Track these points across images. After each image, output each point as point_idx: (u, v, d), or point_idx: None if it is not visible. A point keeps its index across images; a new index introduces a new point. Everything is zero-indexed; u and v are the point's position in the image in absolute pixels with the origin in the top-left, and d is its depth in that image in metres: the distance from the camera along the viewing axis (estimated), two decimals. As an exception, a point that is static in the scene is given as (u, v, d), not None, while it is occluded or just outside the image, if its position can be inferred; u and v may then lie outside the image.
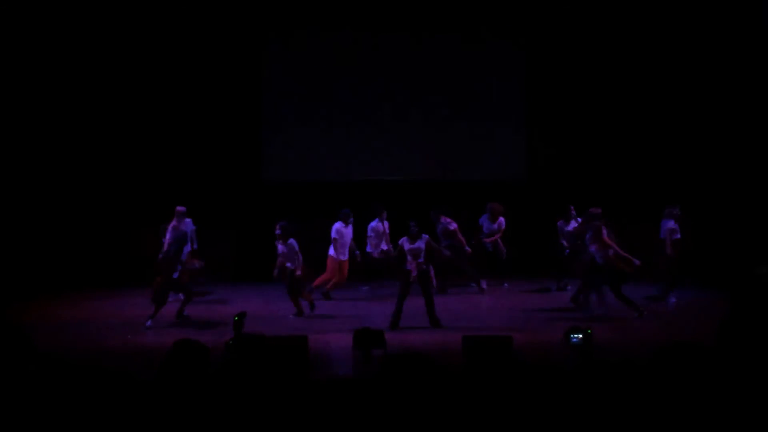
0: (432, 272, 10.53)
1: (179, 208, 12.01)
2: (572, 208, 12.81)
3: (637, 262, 10.47)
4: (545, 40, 14.76)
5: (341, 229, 12.27)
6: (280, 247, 10.87)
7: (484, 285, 12.73)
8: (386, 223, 12.77)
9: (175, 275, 10.54)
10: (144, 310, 10.66)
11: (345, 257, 12.26)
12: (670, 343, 4.24)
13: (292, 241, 10.91)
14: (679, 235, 11.65)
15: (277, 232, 10.86)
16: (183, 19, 14.53)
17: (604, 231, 10.62)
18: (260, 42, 14.95)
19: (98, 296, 11.93)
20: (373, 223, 12.80)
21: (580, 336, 8.32)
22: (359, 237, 13.00)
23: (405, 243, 10.43)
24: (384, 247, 12.60)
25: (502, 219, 13.16)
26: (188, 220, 12.33)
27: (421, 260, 10.31)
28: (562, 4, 14.62)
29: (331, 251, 12.21)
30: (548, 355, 8.56)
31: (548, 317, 10.87)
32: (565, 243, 12.70)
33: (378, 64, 14.98)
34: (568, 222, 12.79)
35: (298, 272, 10.84)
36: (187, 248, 12.34)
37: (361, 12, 14.74)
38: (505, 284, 13.19)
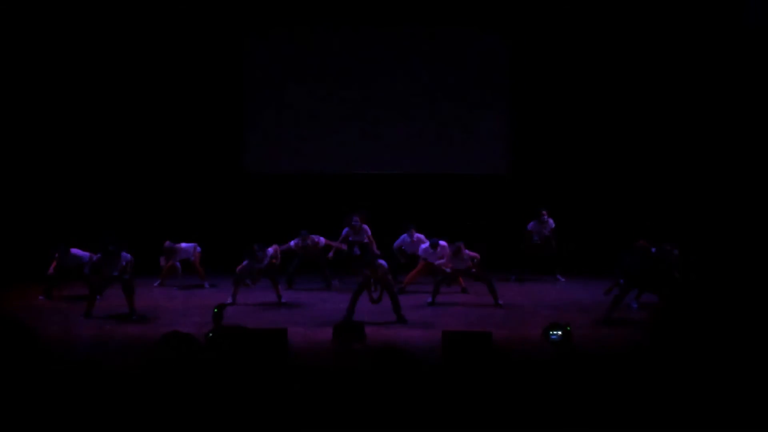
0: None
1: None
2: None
3: None
4: (530, 33, 14.75)
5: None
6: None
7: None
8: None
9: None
10: (121, 299, 10.60)
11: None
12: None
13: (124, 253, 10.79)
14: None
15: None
16: (162, 8, 14.39)
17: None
18: (241, 30, 14.84)
19: (73, 286, 11.82)
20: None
21: (560, 332, 8.38)
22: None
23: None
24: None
25: (366, 227, 12.95)
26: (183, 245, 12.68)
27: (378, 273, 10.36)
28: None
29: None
30: (527, 351, 8.59)
31: (528, 313, 10.91)
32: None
33: (360, 56, 14.93)
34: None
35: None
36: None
37: (343, 3, 14.67)
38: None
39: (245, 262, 11.34)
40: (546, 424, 4.15)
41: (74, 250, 11.58)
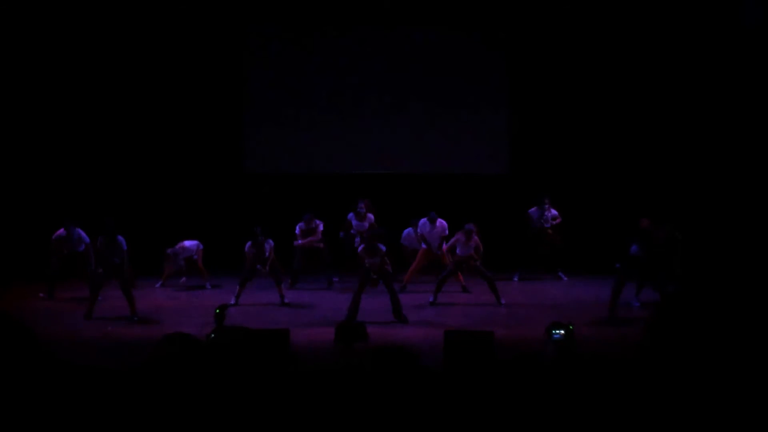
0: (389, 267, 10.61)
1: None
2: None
3: None
4: (528, 32, 14.74)
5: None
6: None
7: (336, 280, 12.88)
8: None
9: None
10: (123, 301, 10.59)
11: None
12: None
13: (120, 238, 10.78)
14: None
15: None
16: (163, 10, 14.39)
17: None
18: (242, 31, 14.84)
19: (74, 286, 11.81)
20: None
21: (562, 332, 8.35)
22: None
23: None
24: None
25: (371, 216, 13.04)
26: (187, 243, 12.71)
27: (376, 259, 10.38)
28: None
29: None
30: (529, 350, 8.57)
31: (530, 312, 10.90)
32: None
33: (361, 57, 14.93)
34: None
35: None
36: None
37: (343, 4, 14.67)
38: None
39: (247, 246, 11.35)
40: (548, 425, 4.13)
41: (79, 230, 11.63)
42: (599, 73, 14.50)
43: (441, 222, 12.39)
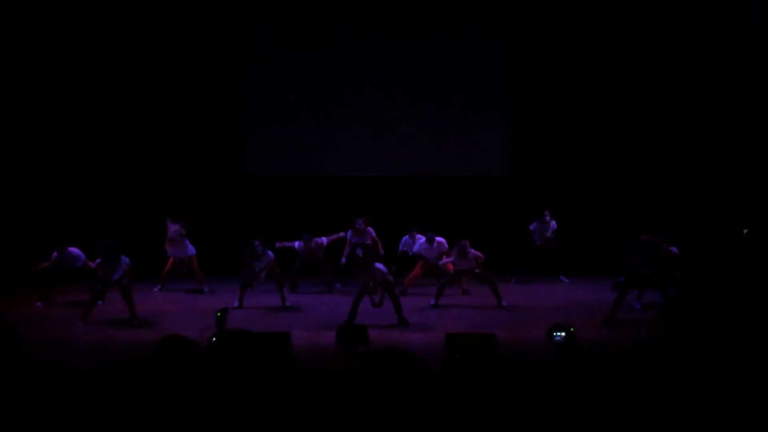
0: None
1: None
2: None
3: None
4: (529, 34, 14.73)
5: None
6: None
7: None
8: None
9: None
10: (123, 305, 10.57)
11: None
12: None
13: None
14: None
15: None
16: (165, 12, 14.40)
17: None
18: (243, 34, 14.84)
19: (73, 290, 11.80)
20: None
21: (563, 334, 8.34)
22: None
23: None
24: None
25: (371, 229, 12.93)
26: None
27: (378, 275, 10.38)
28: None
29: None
30: (531, 352, 8.56)
31: (531, 314, 10.88)
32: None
33: (362, 59, 14.91)
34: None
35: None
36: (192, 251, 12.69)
37: (346, 6, 14.68)
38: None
39: (245, 258, 11.31)
40: (550, 426, 4.12)
41: (72, 249, 11.57)
42: (601, 75, 14.49)
43: (439, 240, 12.24)
